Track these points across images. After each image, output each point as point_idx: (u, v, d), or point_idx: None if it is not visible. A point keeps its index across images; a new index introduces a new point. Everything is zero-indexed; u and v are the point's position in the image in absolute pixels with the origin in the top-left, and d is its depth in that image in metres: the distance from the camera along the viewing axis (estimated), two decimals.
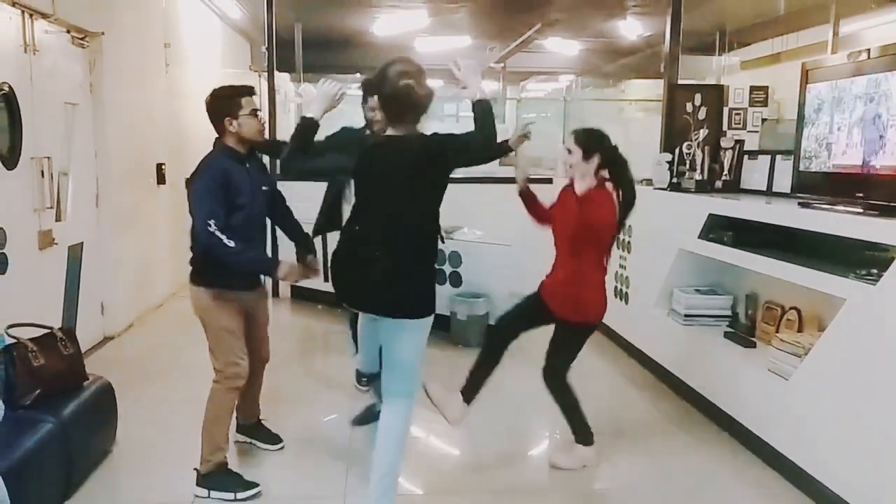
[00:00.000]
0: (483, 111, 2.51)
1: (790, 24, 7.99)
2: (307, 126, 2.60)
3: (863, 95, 3.01)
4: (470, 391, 3.24)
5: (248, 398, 3.32)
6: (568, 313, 3.12)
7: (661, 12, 6.26)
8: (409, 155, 2.54)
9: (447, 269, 5.38)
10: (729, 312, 4.09)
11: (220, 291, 2.96)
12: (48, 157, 4.24)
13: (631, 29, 8.92)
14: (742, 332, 3.88)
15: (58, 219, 4.51)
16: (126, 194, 5.45)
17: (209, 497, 2.94)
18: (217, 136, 2.97)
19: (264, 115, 6.50)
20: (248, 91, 2.94)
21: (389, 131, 2.63)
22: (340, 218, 3.95)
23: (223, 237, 2.74)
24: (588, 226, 3.00)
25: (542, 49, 10.49)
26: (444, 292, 5.35)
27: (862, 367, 2.68)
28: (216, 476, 2.95)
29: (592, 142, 3.08)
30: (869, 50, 3.04)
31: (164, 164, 6.27)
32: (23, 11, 4.01)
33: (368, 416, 3.51)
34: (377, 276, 2.54)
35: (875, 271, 2.68)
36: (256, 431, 3.44)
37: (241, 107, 2.88)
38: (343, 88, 2.65)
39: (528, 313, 3.27)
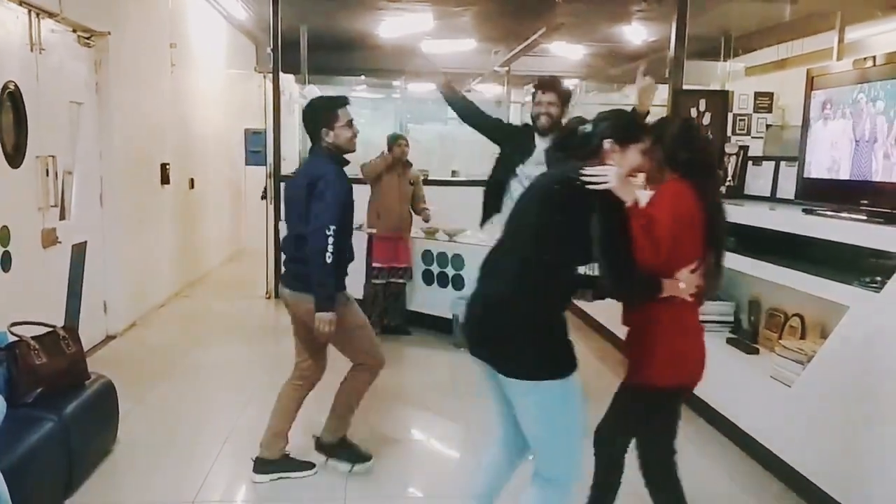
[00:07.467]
0: None
1: (796, 31, 7.97)
2: None
3: (868, 102, 3.00)
4: None
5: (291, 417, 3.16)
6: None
7: (666, 18, 6.26)
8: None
9: (450, 271, 5.38)
10: (732, 318, 4.08)
11: (343, 292, 3.00)
12: (53, 156, 4.25)
13: (636, 34, 8.90)
14: (745, 338, 3.87)
15: (62, 217, 4.52)
16: (130, 194, 5.46)
17: (326, 464, 3.17)
18: (312, 144, 3.03)
19: (269, 116, 6.62)
20: (344, 102, 3.00)
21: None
22: (496, 211, 3.79)
23: (329, 252, 2.79)
24: None
25: (546, 53, 10.47)
26: (446, 295, 5.36)
27: (865, 374, 2.67)
28: (340, 446, 3.17)
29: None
30: (874, 57, 3.03)
31: (168, 164, 6.28)
32: (29, 10, 4.02)
33: None
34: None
35: (879, 279, 2.67)
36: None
37: (338, 118, 2.94)
38: None
39: None
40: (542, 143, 3.66)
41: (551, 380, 2.06)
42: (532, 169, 3.55)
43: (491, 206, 3.84)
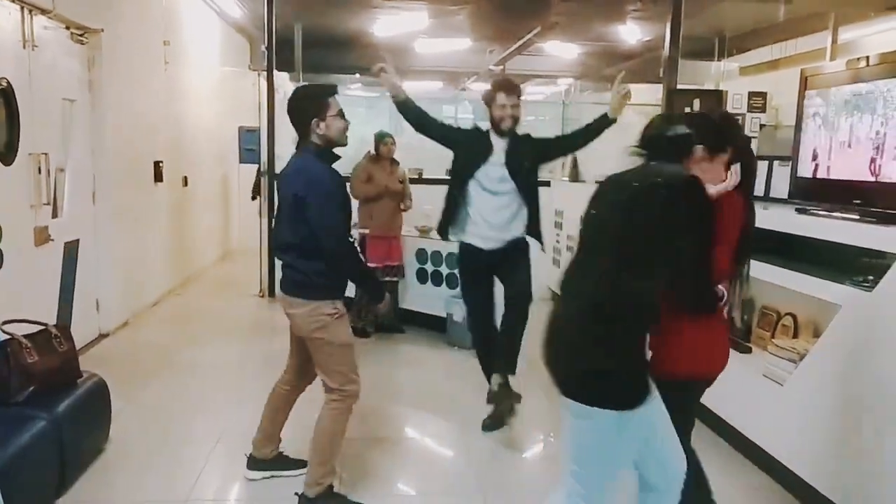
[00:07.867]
0: None
1: (789, 31, 8.01)
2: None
3: (861, 102, 3.02)
4: None
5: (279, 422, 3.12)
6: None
7: (661, 17, 6.28)
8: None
9: (444, 270, 5.38)
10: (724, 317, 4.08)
11: (337, 303, 2.77)
12: (45, 154, 4.23)
13: (631, 33, 8.93)
14: (737, 336, 3.87)
15: (54, 215, 4.50)
16: (123, 192, 5.44)
17: None
18: (300, 138, 2.76)
19: (263, 114, 6.61)
20: (333, 91, 2.77)
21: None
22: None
23: (357, 253, 2.78)
24: None
25: (541, 52, 10.50)
26: (440, 293, 5.36)
27: (857, 372, 2.68)
28: (324, 499, 2.78)
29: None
30: (868, 57, 3.04)
31: (161, 161, 6.25)
32: (22, 7, 4.00)
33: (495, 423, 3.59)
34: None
35: (871, 278, 2.68)
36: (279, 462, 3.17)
37: (329, 107, 2.70)
38: None
39: None
40: (500, 144, 3.54)
41: (605, 408, 1.88)
42: (493, 170, 3.51)
43: (451, 214, 3.74)
